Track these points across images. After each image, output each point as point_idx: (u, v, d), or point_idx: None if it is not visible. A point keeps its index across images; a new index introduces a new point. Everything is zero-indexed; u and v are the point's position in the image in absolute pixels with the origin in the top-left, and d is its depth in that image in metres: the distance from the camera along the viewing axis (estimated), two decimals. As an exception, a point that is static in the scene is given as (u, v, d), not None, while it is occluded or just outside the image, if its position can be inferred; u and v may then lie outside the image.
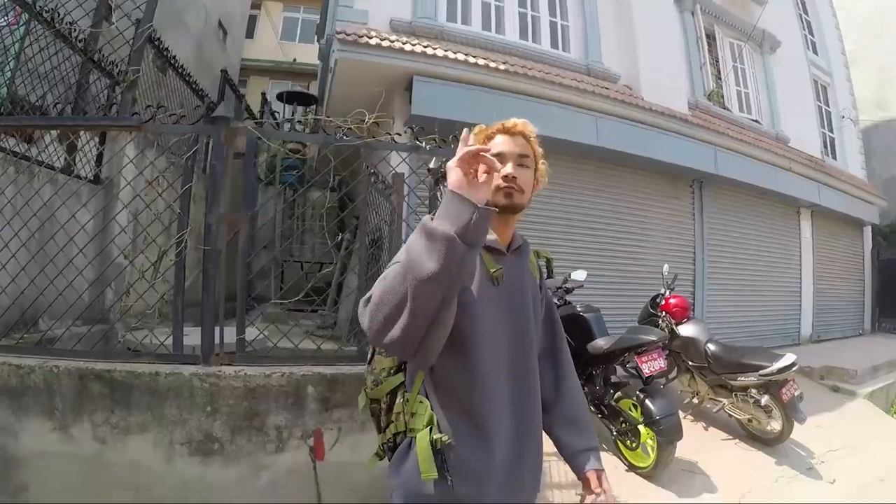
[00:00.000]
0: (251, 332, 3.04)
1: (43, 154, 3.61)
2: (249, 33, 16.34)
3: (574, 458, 1.56)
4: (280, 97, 10.54)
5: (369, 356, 1.57)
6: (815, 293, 11.05)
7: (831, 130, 12.75)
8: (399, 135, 3.21)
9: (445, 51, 6.50)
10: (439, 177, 3.13)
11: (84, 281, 3.09)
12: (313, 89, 12.85)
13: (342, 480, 2.77)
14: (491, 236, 1.43)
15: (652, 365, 4.22)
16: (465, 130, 1.23)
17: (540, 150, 1.51)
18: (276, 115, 11.71)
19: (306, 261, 7.46)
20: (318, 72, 11.01)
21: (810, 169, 10.49)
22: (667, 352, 4.98)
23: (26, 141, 3.58)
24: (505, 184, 1.39)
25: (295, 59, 17.02)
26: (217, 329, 2.84)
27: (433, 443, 1.30)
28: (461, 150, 1.13)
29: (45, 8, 3.53)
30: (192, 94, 6.50)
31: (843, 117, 12.98)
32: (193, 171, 3.00)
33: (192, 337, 2.88)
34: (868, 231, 13.39)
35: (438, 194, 3.18)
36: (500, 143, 1.44)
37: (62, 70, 3.70)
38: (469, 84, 6.57)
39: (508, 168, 1.39)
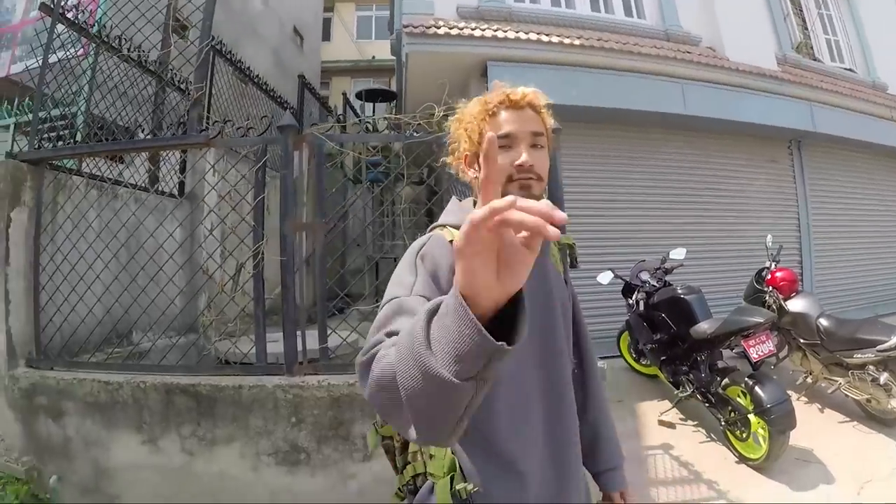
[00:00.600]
0: (335, 339, 2.89)
1: (126, 172, 3.63)
2: (326, 36, 16.52)
3: (596, 478, 1.38)
4: (359, 96, 10.50)
5: None
6: (932, 250, 9.68)
7: (932, 71, 11.07)
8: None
9: (517, 32, 6.15)
10: None
11: (173, 292, 3.08)
12: (395, 84, 12.76)
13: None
14: None
15: (760, 349, 3.78)
16: (489, 136, 0.61)
17: (551, 121, 1.20)
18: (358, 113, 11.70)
19: (397, 257, 7.31)
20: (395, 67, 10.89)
21: (913, 115, 9.22)
22: (776, 331, 4.53)
23: (118, 161, 3.62)
24: (520, 175, 1.10)
25: (374, 57, 16.84)
26: (300, 338, 2.74)
27: (457, 493, 1.05)
28: (478, 210, 0.55)
29: (112, 36, 3.50)
30: (272, 103, 6.51)
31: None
32: (265, 183, 2.88)
33: (280, 343, 2.79)
34: None
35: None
36: (508, 121, 1.13)
37: (135, 90, 3.69)
38: (545, 63, 6.16)
39: (524, 156, 1.10)
